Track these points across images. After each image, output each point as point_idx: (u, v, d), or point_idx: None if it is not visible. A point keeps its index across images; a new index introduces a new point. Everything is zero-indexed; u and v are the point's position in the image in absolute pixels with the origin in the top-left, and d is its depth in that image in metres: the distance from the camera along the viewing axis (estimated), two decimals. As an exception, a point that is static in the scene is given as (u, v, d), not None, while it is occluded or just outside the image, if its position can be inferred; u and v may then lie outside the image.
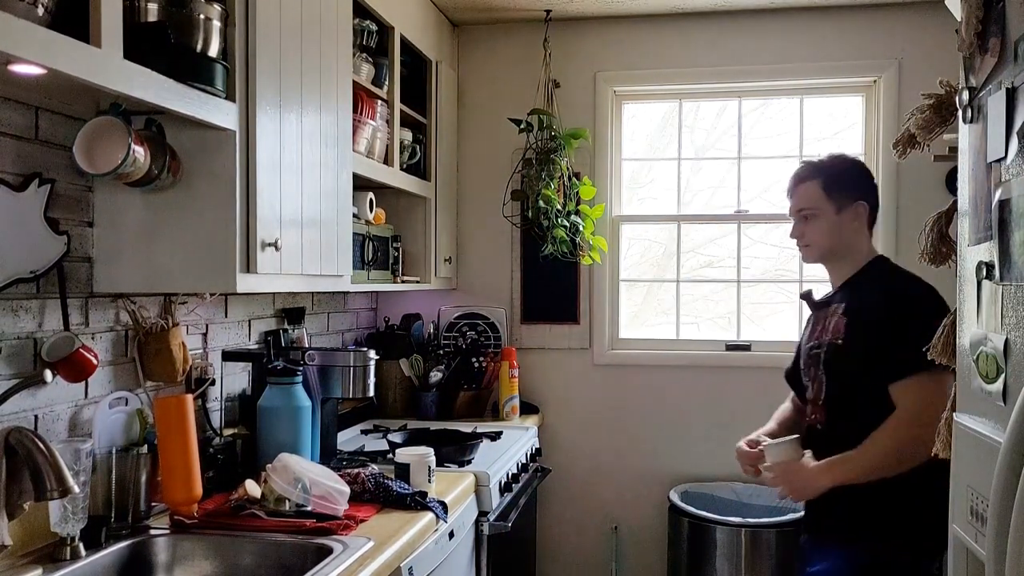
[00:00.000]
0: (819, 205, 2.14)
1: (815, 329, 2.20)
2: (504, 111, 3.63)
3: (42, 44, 1.37)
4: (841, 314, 2.08)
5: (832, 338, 2.08)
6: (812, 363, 2.17)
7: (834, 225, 2.14)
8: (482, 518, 2.58)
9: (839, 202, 2.14)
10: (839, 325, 2.07)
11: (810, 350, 2.19)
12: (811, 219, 2.15)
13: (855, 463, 1.99)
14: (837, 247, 2.16)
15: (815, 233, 2.16)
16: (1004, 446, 1.32)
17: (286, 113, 2.12)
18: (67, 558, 1.74)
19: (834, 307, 2.14)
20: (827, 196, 2.14)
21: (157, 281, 1.95)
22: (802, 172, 2.21)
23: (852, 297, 2.11)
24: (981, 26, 1.64)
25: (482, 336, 3.71)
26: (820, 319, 2.19)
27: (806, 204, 2.16)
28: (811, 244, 2.18)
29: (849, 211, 2.14)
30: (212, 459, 2.25)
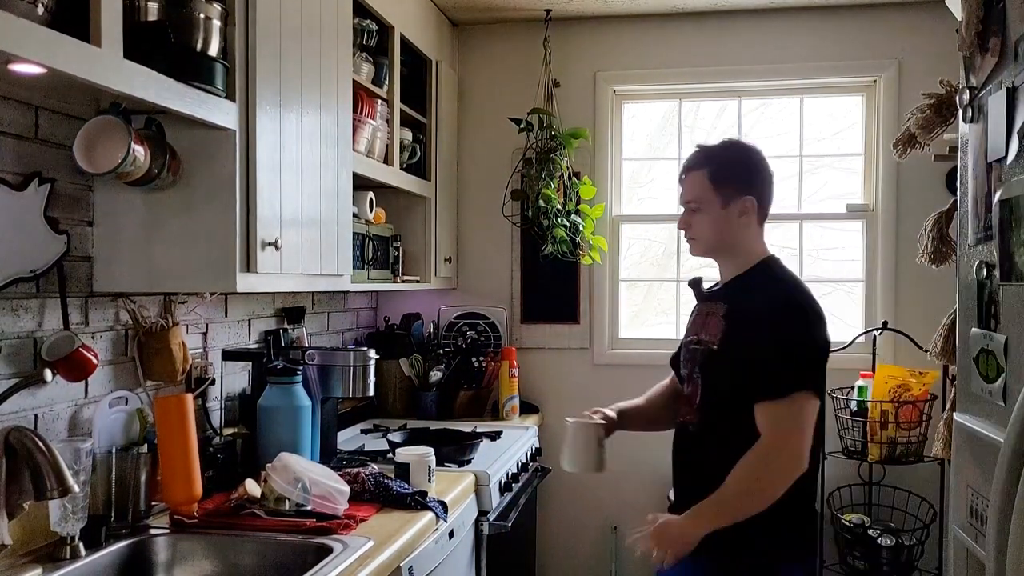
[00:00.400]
0: (705, 197, 2.01)
1: (696, 322, 2.11)
2: (504, 111, 3.63)
3: (42, 43, 1.37)
4: (721, 316, 1.99)
5: (709, 340, 1.99)
6: (690, 359, 2.08)
7: (720, 219, 2.01)
8: (482, 518, 2.58)
9: (726, 195, 2.00)
10: (717, 329, 1.99)
11: (689, 344, 2.10)
12: (697, 211, 2.03)
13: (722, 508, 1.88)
14: (724, 242, 2.04)
15: (701, 226, 2.03)
16: (1004, 446, 1.32)
17: (286, 112, 2.12)
18: (67, 557, 1.74)
19: (716, 306, 2.04)
20: (714, 188, 2.00)
21: (157, 280, 1.95)
22: (691, 160, 2.07)
23: (734, 300, 2.01)
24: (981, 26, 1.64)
25: (482, 336, 3.71)
26: (703, 313, 2.09)
27: (692, 196, 2.03)
28: (697, 237, 2.06)
29: (736, 205, 2.00)
30: (212, 459, 2.25)
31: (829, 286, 3.73)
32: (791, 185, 3.71)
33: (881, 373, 3.23)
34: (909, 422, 3.15)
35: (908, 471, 3.30)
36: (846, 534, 3.26)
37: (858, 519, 3.25)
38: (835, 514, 3.35)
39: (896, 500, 3.40)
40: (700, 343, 2.04)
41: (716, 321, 2.00)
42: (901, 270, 3.47)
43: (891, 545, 3.16)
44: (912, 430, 3.16)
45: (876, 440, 3.18)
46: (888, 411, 3.15)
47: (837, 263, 3.70)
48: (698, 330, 2.07)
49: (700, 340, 2.04)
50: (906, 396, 3.14)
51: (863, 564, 3.21)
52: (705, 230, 2.03)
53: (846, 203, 3.62)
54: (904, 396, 3.14)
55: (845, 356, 3.41)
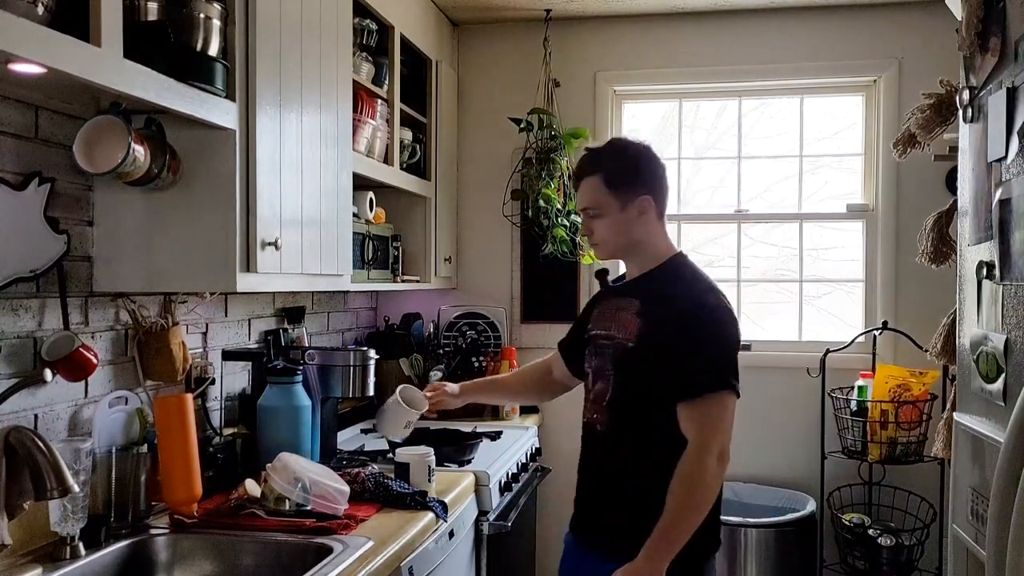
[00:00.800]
0: (603, 202, 1.98)
1: (605, 316, 2.06)
2: (504, 111, 3.63)
3: (42, 43, 1.37)
4: (635, 314, 1.96)
5: (624, 338, 1.96)
6: (598, 354, 2.04)
7: (620, 222, 1.98)
8: (482, 518, 2.58)
9: (622, 198, 1.97)
10: (632, 326, 1.95)
11: (597, 339, 2.05)
12: (596, 218, 2.00)
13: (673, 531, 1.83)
14: (627, 244, 2.02)
15: (603, 231, 2.00)
16: (1004, 446, 1.32)
17: (286, 112, 2.12)
18: (67, 557, 1.74)
19: (628, 301, 2.00)
20: (610, 192, 1.97)
21: (157, 280, 1.95)
22: (583, 166, 2.03)
23: (647, 297, 1.98)
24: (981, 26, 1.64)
25: (482, 335, 3.71)
26: (612, 307, 2.05)
27: (589, 203, 2.00)
28: (600, 243, 2.03)
29: (634, 206, 1.98)
30: (212, 458, 2.25)
31: (829, 286, 3.73)
32: (791, 185, 3.71)
33: (881, 373, 3.23)
34: (909, 422, 3.15)
35: (908, 471, 3.30)
36: (846, 534, 3.26)
37: (858, 519, 3.25)
38: (835, 514, 3.36)
39: (896, 500, 3.40)
40: (611, 339, 2.00)
41: (629, 318, 1.97)
42: (901, 270, 3.47)
43: (891, 545, 3.16)
44: (912, 430, 3.16)
45: (876, 440, 3.18)
46: (888, 411, 3.15)
47: (837, 263, 3.70)
48: (607, 325, 2.03)
49: (611, 336, 2.00)
50: (906, 396, 3.14)
51: (863, 564, 3.21)
52: (607, 234, 2.01)
53: (846, 203, 3.62)
54: (904, 396, 3.15)
55: (845, 356, 3.42)
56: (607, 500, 2.00)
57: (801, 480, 3.51)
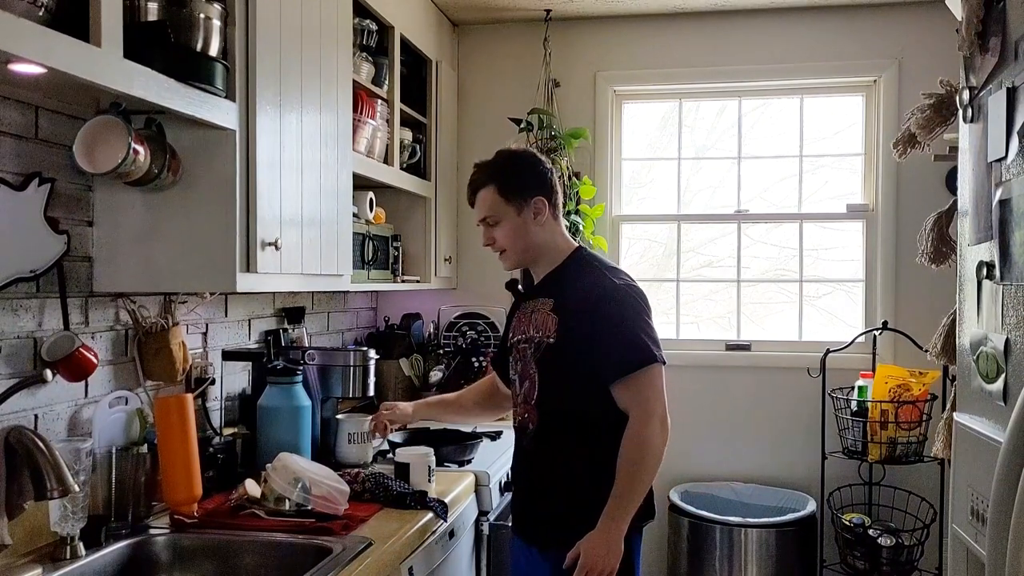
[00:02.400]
0: (499, 210, 2.10)
1: (522, 321, 2.16)
2: (504, 111, 3.63)
3: (42, 43, 1.37)
4: (550, 311, 2.06)
5: (543, 335, 2.05)
6: (520, 358, 2.13)
7: (519, 226, 2.10)
8: (482, 518, 2.58)
9: (516, 203, 2.09)
10: (549, 323, 2.05)
11: (518, 344, 2.15)
12: (495, 225, 2.11)
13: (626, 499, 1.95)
14: (530, 247, 2.12)
15: (504, 238, 2.11)
16: (1004, 446, 1.32)
17: (286, 112, 2.12)
18: (67, 557, 1.74)
19: (541, 301, 2.11)
20: (505, 200, 2.09)
21: (157, 280, 1.95)
22: (476, 179, 2.15)
23: (558, 293, 2.09)
24: (982, 26, 1.64)
25: (482, 336, 3.70)
26: (527, 311, 2.15)
27: (488, 212, 2.11)
28: (505, 249, 2.13)
29: (528, 209, 2.09)
30: (212, 459, 2.25)
31: (829, 286, 3.73)
32: (791, 185, 3.71)
33: (881, 373, 3.23)
34: (909, 422, 3.15)
35: (908, 471, 3.30)
36: (846, 534, 3.26)
37: (858, 519, 3.25)
38: (835, 514, 3.36)
39: (896, 500, 3.40)
40: (531, 340, 2.09)
41: (545, 316, 2.07)
42: (901, 270, 3.47)
43: (891, 545, 3.16)
44: (912, 430, 3.16)
45: (876, 440, 3.18)
46: (888, 411, 3.15)
47: (837, 263, 3.70)
48: (525, 329, 2.13)
49: (530, 337, 2.09)
50: (906, 396, 3.14)
51: (863, 564, 3.21)
52: (508, 240, 2.11)
53: (846, 203, 3.62)
54: (904, 396, 3.15)
55: (845, 356, 3.42)
56: (541, 493, 2.09)
57: (801, 480, 3.52)
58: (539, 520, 2.10)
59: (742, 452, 3.63)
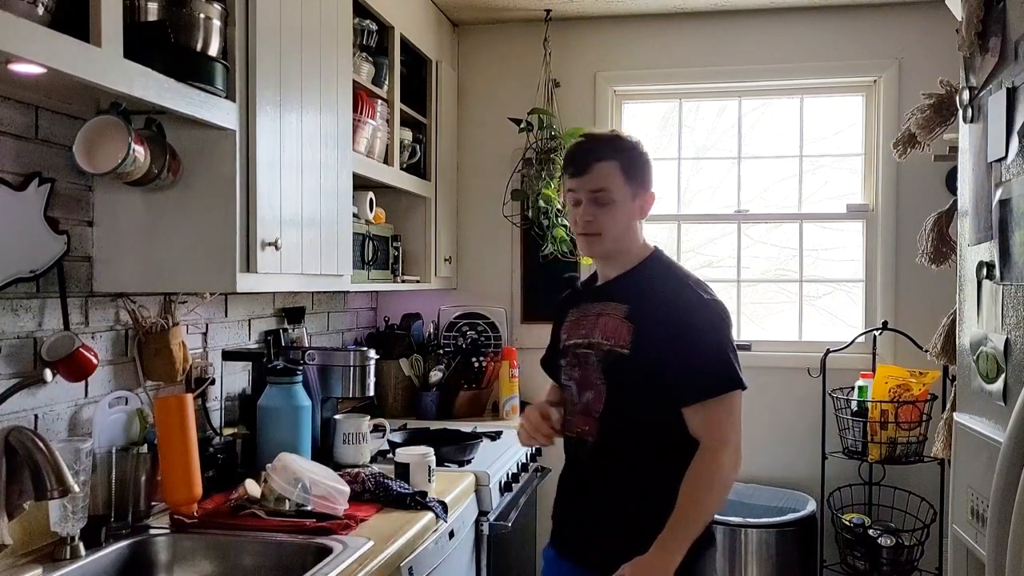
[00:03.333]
0: (617, 189, 1.87)
1: (581, 323, 1.95)
2: (504, 111, 3.63)
3: (42, 43, 1.37)
4: (624, 318, 1.86)
5: (615, 344, 1.85)
6: (579, 364, 1.93)
7: (626, 213, 1.89)
8: (482, 518, 2.58)
9: (634, 189, 1.89)
10: (623, 331, 1.85)
11: (576, 348, 1.94)
12: (607, 204, 1.87)
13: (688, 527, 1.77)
14: (623, 238, 1.92)
15: (608, 219, 1.88)
16: (1004, 446, 1.32)
17: (286, 113, 2.12)
18: (67, 557, 1.74)
19: (612, 306, 1.90)
20: (625, 181, 1.87)
21: (157, 280, 1.95)
22: (597, 149, 1.90)
23: (634, 299, 1.88)
24: (982, 26, 1.64)
25: (482, 336, 3.71)
26: (590, 312, 1.95)
27: (605, 184, 1.86)
28: (602, 232, 1.89)
29: (643, 197, 1.92)
30: (212, 459, 2.25)
31: (829, 286, 3.73)
32: (791, 185, 3.71)
33: (881, 373, 3.23)
34: (909, 422, 3.15)
35: (908, 471, 3.30)
36: (846, 534, 3.26)
37: (858, 519, 3.25)
38: (835, 514, 3.36)
39: (896, 500, 3.40)
40: (597, 347, 1.89)
41: (617, 323, 1.87)
42: (901, 270, 3.46)
43: (891, 545, 3.16)
44: (912, 430, 3.16)
45: (876, 440, 3.18)
46: (888, 411, 3.15)
47: (837, 263, 3.70)
48: (587, 332, 1.92)
49: (596, 343, 1.89)
50: (906, 396, 3.14)
51: (863, 564, 3.21)
52: (611, 223, 1.89)
53: (846, 203, 3.62)
54: (904, 396, 3.14)
55: (845, 356, 3.42)
56: (604, 517, 1.90)
57: (801, 480, 3.51)
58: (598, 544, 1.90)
59: (742, 452, 3.62)
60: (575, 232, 1.96)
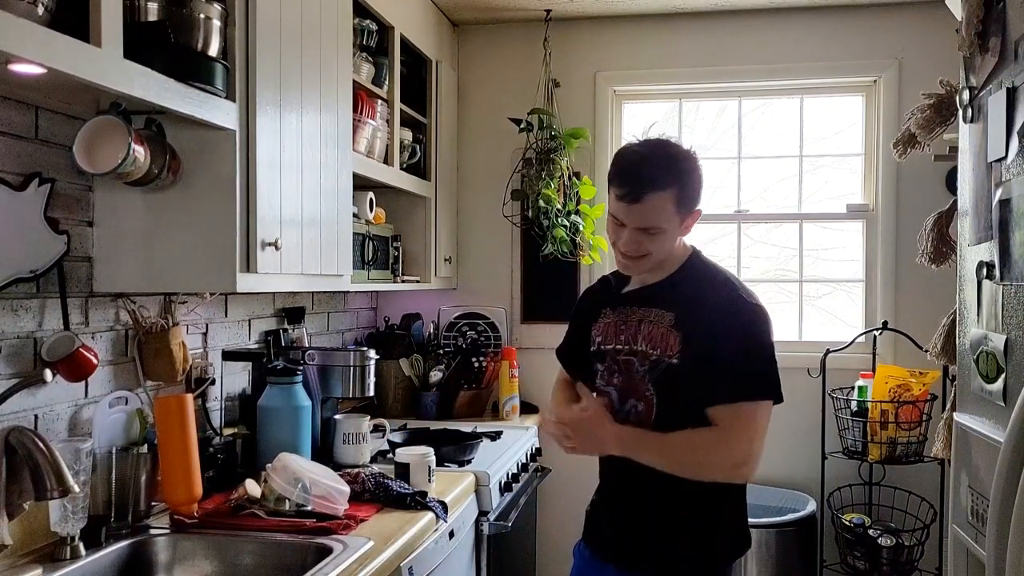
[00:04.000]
0: (669, 219, 1.79)
1: (621, 328, 1.90)
2: (504, 111, 3.63)
3: (42, 43, 1.37)
4: (670, 326, 1.81)
5: (663, 354, 1.80)
6: (623, 371, 1.88)
7: (674, 237, 1.85)
8: (482, 518, 2.58)
9: (683, 214, 1.81)
10: (671, 341, 1.80)
11: (618, 354, 1.89)
12: (656, 235, 1.80)
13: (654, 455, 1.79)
14: (667, 255, 1.88)
15: (657, 247, 1.82)
16: (1004, 446, 1.32)
17: (286, 113, 2.12)
18: (67, 558, 1.74)
19: (656, 313, 1.85)
20: (678, 210, 1.79)
21: (157, 280, 1.95)
22: (653, 176, 1.77)
23: (678, 306, 1.83)
24: (981, 26, 1.64)
25: (482, 336, 3.71)
26: (631, 317, 1.89)
27: (655, 223, 1.78)
28: (648, 255, 1.83)
29: (690, 219, 1.84)
30: (212, 459, 2.25)
31: (829, 286, 3.73)
32: (791, 185, 3.71)
33: (881, 373, 3.23)
34: (909, 422, 3.15)
35: (908, 471, 3.30)
36: (846, 534, 3.26)
37: (858, 519, 3.25)
38: (835, 514, 3.36)
39: (896, 500, 3.40)
40: (643, 355, 1.84)
41: (664, 332, 1.82)
42: (901, 270, 3.47)
43: (891, 545, 3.16)
44: (912, 430, 3.16)
45: (876, 440, 3.18)
46: (888, 411, 3.15)
47: (837, 263, 3.70)
48: (630, 339, 1.87)
49: (642, 352, 1.84)
50: (906, 396, 3.14)
51: (863, 564, 3.21)
52: (660, 250, 1.83)
53: (846, 203, 3.62)
54: (904, 396, 3.15)
55: (845, 356, 3.42)
56: (659, 523, 1.85)
57: (801, 480, 3.51)
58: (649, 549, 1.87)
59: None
60: (615, 249, 1.88)
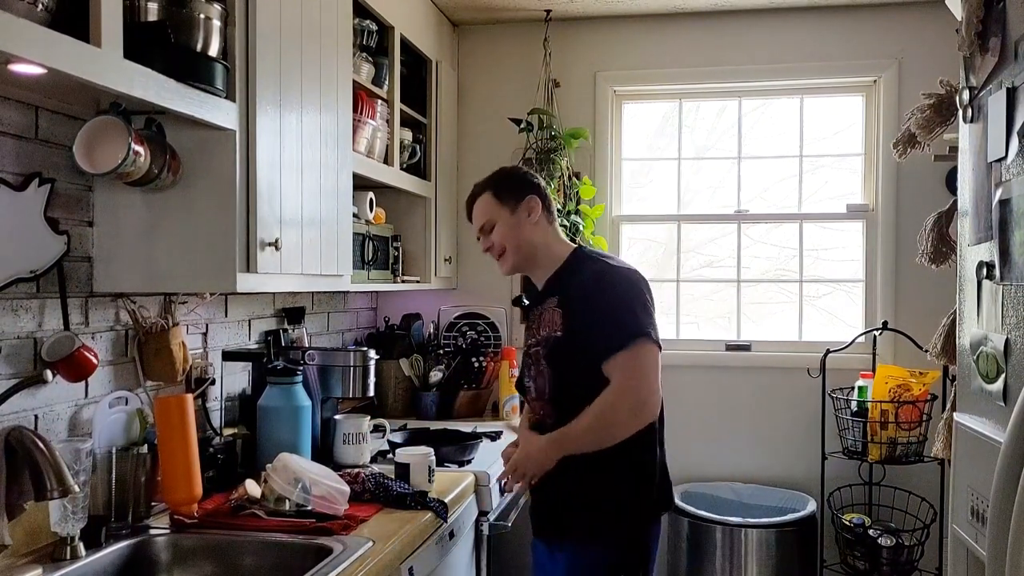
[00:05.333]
0: (494, 212, 2.18)
1: (531, 329, 2.20)
2: (504, 111, 3.63)
3: (42, 43, 1.37)
4: (555, 307, 2.09)
5: (550, 332, 2.08)
6: (533, 361, 2.15)
7: (513, 225, 2.16)
8: (482, 518, 2.58)
9: (511, 203, 2.17)
10: (555, 318, 2.08)
11: (528, 349, 2.18)
12: (493, 229, 2.18)
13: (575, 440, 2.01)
14: (524, 245, 2.17)
15: (500, 238, 2.17)
16: (1004, 446, 1.32)
17: (286, 113, 2.12)
18: (67, 558, 1.74)
19: (547, 303, 2.14)
20: (499, 202, 2.18)
21: (157, 281, 1.95)
22: (474, 194, 2.25)
23: (561, 290, 2.12)
24: (982, 26, 1.64)
25: (482, 336, 3.71)
26: (535, 319, 2.18)
27: (484, 217, 2.20)
28: (504, 251, 2.18)
29: (522, 206, 2.16)
30: (212, 459, 2.25)
31: (829, 286, 3.73)
32: (791, 185, 3.71)
33: (881, 373, 3.23)
34: (909, 422, 3.15)
35: (908, 471, 3.30)
36: (846, 534, 3.26)
37: (858, 519, 3.25)
38: (835, 514, 3.36)
39: (896, 500, 3.40)
40: (540, 341, 2.11)
41: (551, 313, 2.10)
42: (901, 270, 3.47)
43: (891, 545, 3.16)
44: (912, 430, 3.16)
45: (876, 440, 3.18)
46: (888, 411, 3.15)
47: (837, 263, 3.70)
48: (535, 331, 2.16)
49: (540, 337, 2.12)
50: (906, 396, 3.14)
51: (863, 564, 3.21)
52: (504, 238, 2.16)
53: (846, 203, 3.62)
54: (904, 396, 3.15)
55: (845, 356, 3.42)
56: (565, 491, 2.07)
57: (801, 480, 3.52)
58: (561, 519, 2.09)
59: (742, 452, 3.63)
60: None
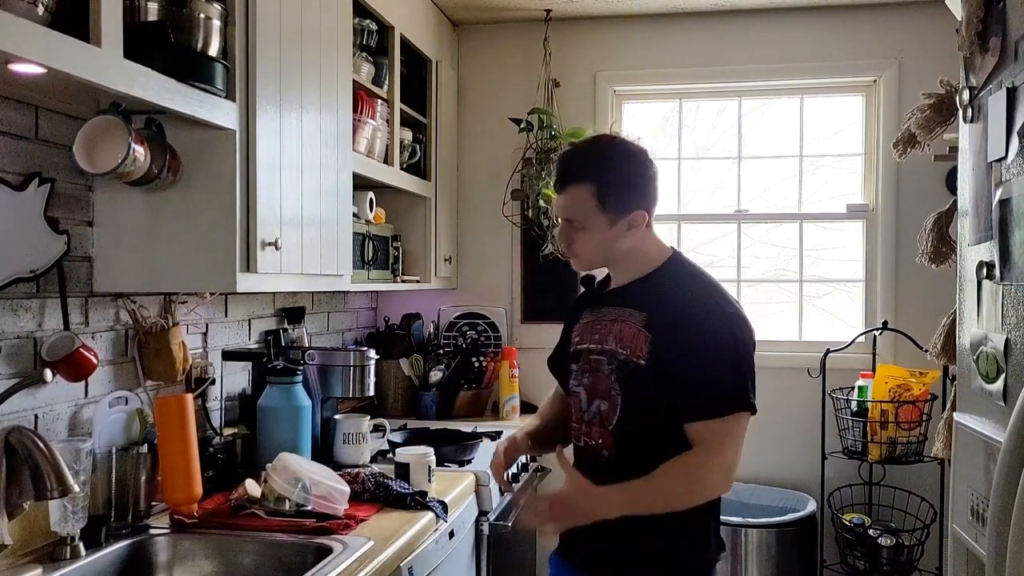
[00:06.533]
0: (590, 218, 1.78)
1: (595, 328, 1.87)
2: (504, 111, 3.63)
3: (42, 43, 1.37)
4: (641, 327, 1.77)
5: (631, 355, 1.76)
6: (591, 371, 1.84)
7: (606, 240, 1.80)
8: (482, 518, 2.58)
9: (611, 214, 1.77)
10: (640, 342, 1.76)
11: (588, 352, 1.86)
12: (579, 230, 1.80)
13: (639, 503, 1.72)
14: (612, 257, 1.84)
15: (584, 246, 1.81)
16: (1004, 446, 1.32)
17: (286, 112, 2.12)
18: (67, 557, 1.74)
19: (628, 312, 1.81)
20: (600, 207, 1.76)
21: (157, 280, 1.95)
22: (572, 169, 1.80)
23: (652, 307, 1.78)
24: (982, 26, 1.64)
25: (482, 336, 3.71)
26: (602, 318, 1.86)
27: (575, 215, 1.79)
28: (580, 255, 1.84)
29: (623, 222, 1.78)
30: (212, 459, 2.25)
31: (829, 286, 3.73)
32: (791, 185, 3.71)
33: (881, 373, 3.23)
34: (909, 422, 3.15)
35: (908, 471, 3.30)
36: (846, 534, 3.26)
37: (858, 519, 3.25)
38: (835, 514, 3.36)
39: (896, 500, 3.40)
40: (611, 354, 1.80)
41: (634, 331, 1.78)
42: (901, 270, 3.46)
43: (891, 545, 3.16)
44: (912, 430, 3.16)
45: (876, 440, 3.18)
46: (888, 411, 3.15)
47: (837, 263, 3.70)
48: (601, 339, 1.83)
49: (610, 351, 1.80)
50: (906, 396, 3.14)
51: (863, 564, 3.21)
52: (590, 250, 1.83)
53: (846, 203, 3.62)
54: (904, 396, 3.14)
55: (845, 356, 3.42)
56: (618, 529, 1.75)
57: (801, 480, 3.51)
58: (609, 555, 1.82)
59: (742, 452, 3.62)
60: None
